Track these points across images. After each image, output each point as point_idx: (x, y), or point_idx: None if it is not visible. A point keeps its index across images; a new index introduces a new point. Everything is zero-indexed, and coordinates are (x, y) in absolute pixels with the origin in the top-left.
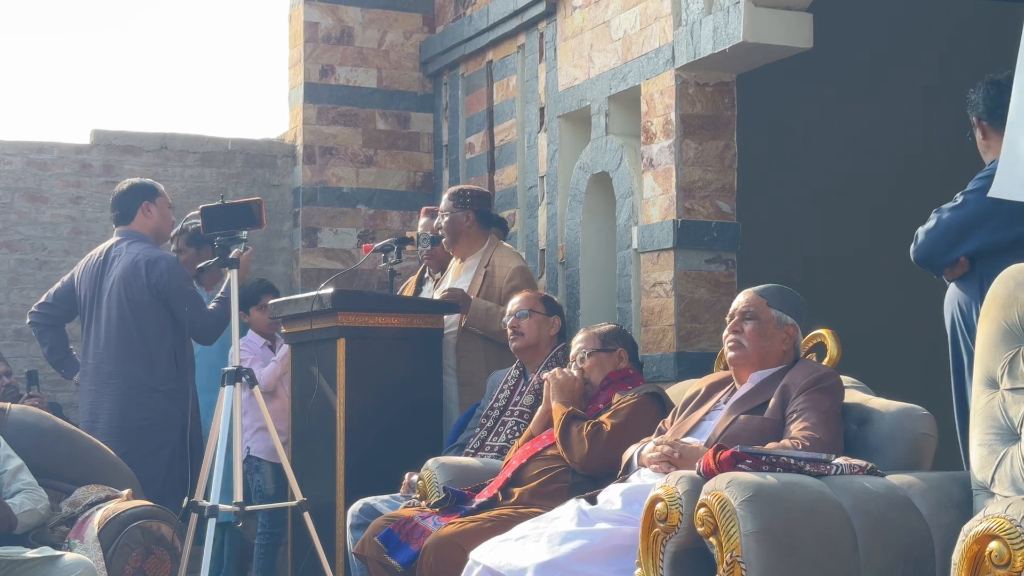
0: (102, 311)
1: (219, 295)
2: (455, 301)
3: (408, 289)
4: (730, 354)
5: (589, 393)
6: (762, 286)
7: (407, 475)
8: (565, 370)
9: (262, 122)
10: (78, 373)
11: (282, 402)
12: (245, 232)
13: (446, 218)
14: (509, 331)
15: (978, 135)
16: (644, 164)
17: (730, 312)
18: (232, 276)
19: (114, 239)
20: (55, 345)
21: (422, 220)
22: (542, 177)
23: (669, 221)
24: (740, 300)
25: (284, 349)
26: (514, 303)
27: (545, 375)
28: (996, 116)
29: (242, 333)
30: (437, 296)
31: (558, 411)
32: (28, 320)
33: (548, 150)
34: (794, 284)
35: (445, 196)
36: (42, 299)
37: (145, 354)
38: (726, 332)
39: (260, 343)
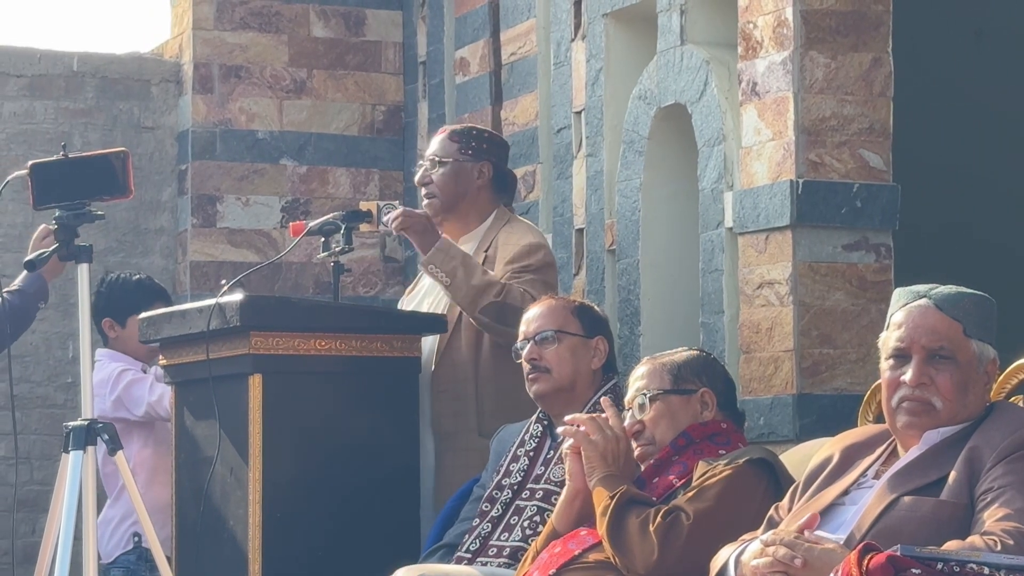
0: None
1: (14, 286)
2: (407, 226)
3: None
4: (905, 419)
5: (653, 459)
6: (942, 292)
7: None
8: (600, 416)
9: (127, 29)
10: None
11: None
12: (101, 204)
13: (443, 168)
14: (525, 366)
15: None
16: (744, 91)
17: (898, 342)
18: (82, 275)
19: None
20: None
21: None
22: (578, 113)
23: (784, 183)
24: (914, 321)
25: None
26: (530, 318)
27: (561, 430)
28: None
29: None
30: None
31: (601, 495)
32: None
33: (589, 69)
34: (980, 282)
35: (443, 136)
36: None
37: None
38: (900, 376)
39: (138, 366)
